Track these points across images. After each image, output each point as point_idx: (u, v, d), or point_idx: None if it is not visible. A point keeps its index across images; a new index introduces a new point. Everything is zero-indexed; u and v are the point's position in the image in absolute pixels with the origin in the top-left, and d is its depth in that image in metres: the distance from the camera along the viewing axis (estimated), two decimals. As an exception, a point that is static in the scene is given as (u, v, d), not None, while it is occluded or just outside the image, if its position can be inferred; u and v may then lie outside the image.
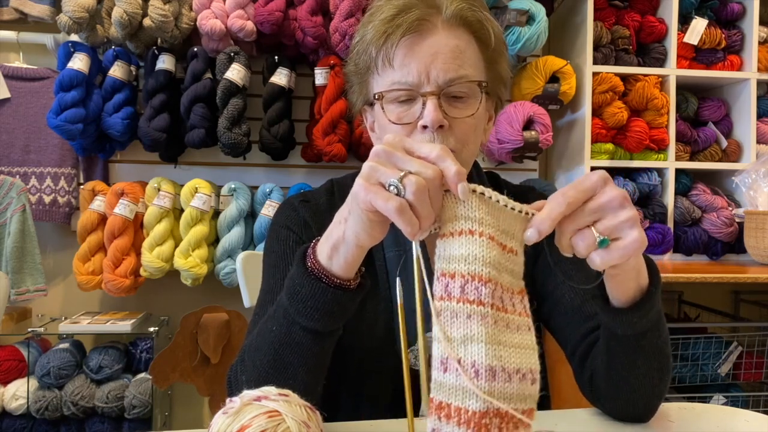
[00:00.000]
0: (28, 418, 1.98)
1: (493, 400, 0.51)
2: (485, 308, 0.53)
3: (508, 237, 0.56)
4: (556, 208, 0.56)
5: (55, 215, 2.18)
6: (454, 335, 0.53)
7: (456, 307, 0.53)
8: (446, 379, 0.52)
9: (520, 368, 0.54)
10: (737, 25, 2.36)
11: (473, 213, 0.55)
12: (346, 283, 0.66)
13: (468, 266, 0.54)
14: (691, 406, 0.85)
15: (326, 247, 0.66)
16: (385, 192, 0.55)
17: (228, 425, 0.56)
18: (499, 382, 0.52)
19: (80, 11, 1.88)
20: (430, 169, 0.55)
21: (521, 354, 0.54)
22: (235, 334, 2.01)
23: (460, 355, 0.52)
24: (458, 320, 0.53)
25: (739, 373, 2.12)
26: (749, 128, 2.28)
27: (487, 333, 0.52)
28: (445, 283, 0.55)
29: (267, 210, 2.10)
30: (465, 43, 0.82)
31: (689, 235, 2.23)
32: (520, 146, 2.10)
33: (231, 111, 2.02)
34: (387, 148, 0.58)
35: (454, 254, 0.55)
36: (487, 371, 0.51)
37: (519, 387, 0.53)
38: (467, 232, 0.55)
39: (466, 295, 0.53)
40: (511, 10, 2.06)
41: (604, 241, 0.56)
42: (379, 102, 0.83)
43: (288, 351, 0.71)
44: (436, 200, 0.55)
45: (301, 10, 2.02)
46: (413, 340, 0.86)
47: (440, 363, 0.53)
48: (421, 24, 0.80)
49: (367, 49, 0.84)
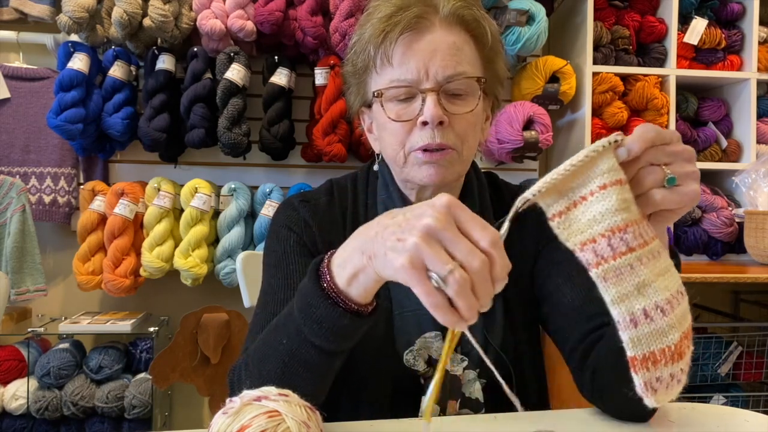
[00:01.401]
0: (28, 418, 1.98)
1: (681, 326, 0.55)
2: (638, 251, 0.55)
3: (615, 171, 0.55)
4: (647, 134, 0.56)
5: (55, 215, 2.18)
6: (628, 289, 0.55)
7: (616, 264, 0.54)
8: (641, 332, 0.54)
9: (678, 288, 0.57)
10: (737, 25, 2.36)
11: (573, 182, 0.55)
12: (364, 308, 0.65)
13: (602, 225, 0.54)
14: (691, 406, 0.85)
15: (345, 272, 0.62)
16: (427, 283, 0.52)
17: (228, 425, 0.56)
18: (676, 309, 0.55)
19: (80, 11, 1.88)
20: (477, 260, 0.51)
21: (672, 275, 0.57)
22: (235, 334, 2.01)
23: (642, 304, 0.54)
24: (624, 275, 0.55)
25: (739, 373, 2.12)
26: (749, 128, 2.28)
27: (650, 272, 0.55)
28: (592, 249, 0.55)
29: (267, 210, 2.10)
30: (462, 41, 0.83)
31: (689, 235, 2.23)
32: (520, 146, 2.10)
33: (231, 111, 2.02)
34: (438, 225, 0.53)
35: (582, 223, 0.55)
36: (668, 304, 0.54)
37: (684, 304, 0.57)
38: (580, 200, 0.55)
39: (617, 249, 0.54)
40: (511, 10, 2.06)
41: (673, 179, 0.57)
42: (379, 100, 0.84)
43: (297, 365, 0.70)
44: (483, 291, 0.52)
45: (301, 10, 2.02)
46: (411, 342, 0.86)
47: (629, 321, 0.54)
48: (419, 21, 0.81)
49: (366, 47, 0.84)
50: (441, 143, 0.82)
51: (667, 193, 0.57)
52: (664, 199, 0.57)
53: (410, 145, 0.83)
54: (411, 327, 0.86)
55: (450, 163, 0.84)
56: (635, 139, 0.56)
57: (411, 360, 0.86)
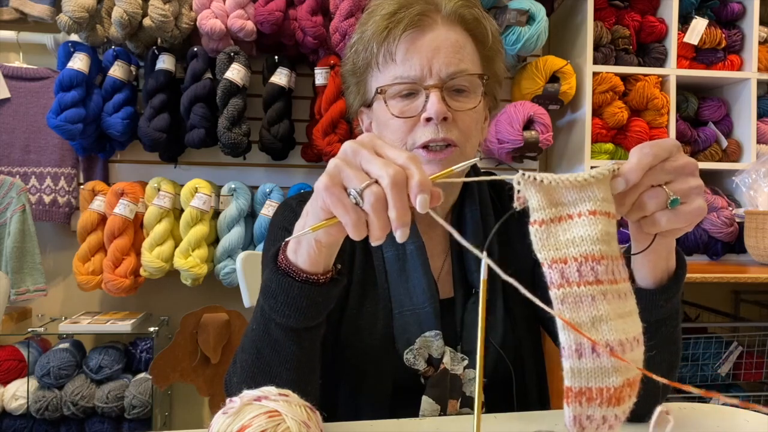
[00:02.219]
0: (28, 418, 1.97)
1: (641, 369, 0.53)
2: (604, 286, 0.53)
3: (607, 203, 0.55)
4: (644, 160, 0.55)
5: (55, 215, 2.18)
6: (582, 319, 0.53)
7: (578, 291, 0.53)
8: (583, 365, 0.53)
9: (636, 335, 0.55)
10: (737, 25, 2.35)
11: (565, 197, 0.54)
12: (313, 277, 0.65)
13: (578, 248, 0.53)
14: (691, 406, 0.85)
15: (292, 242, 0.66)
16: (345, 201, 0.54)
17: (228, 425, 0.56)
18: (627, 354, 0.53)
19: (80, 11, 1.88)
20: (392, 168, 0.52)
21: (633, 320, 0.56)
22: (235, 334, 2.01)
23: (594, 338, 0.53)
24: (584, 304, 0.53)
25: (739, 373, 2.12)
26: (749, 128, 2.28)
27: (611, 309, 0.53)
28: (559, 270, 0.54)
29: (267, 210, 2.10)
30: (463, 40, 0.84)
31: (689, 235, 2.23)
32: (520, 146, 2.10)
33: (231, 111, 2.02)
34: (354, 146, 0.56)
35: (560, 240, 0.54)
36: (619, 346, 0.53)
37: (638, 352, 0.55)
38: (566, 218, 0.54)
39: (585, 277, 0.53)
40: (511, 10, 2.06)
41: (676, 200, 0.57)
42: (382, 96, 0.84)
43: (268, 350, 0.71)
44: (399, 202, 0.52)
45: (301, 10, 2.02)
46: (412, 341, 0.86)
47: (574, 351, 0.53)
48: (421, 19, 0.82)
49: (368, 45, 0.85)
50: (445, 137, 0.82)
51: (671, 214, 0.57)
52: (669, 222, 0.57)
53: (413, 142, 0.83)
54: (411, 326, 0.86)
55: (452, 161, 0.84)
56: (632, 168, 0.55)
57: (411, 359, 0.86)
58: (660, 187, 0.57)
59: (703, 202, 0.58)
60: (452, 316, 0.89)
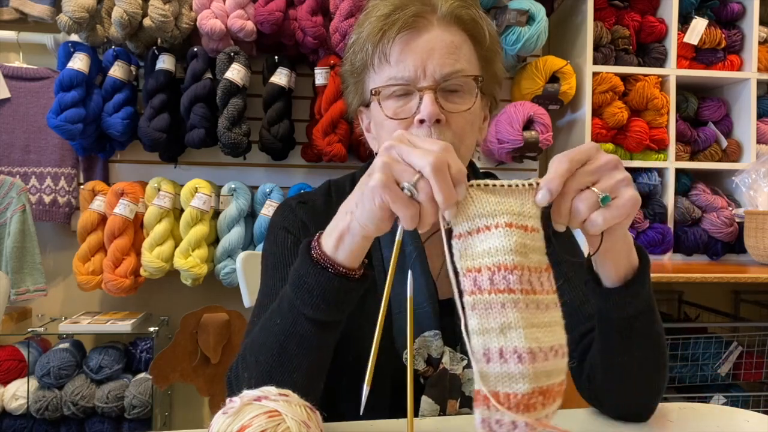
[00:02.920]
0: (28, 418, 1.98)
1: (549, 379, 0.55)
2: (516, 294, 0.55)
3: (525, 217, 0.57)
4: (560, 167, 0.58)
5: (55, 215, 2.18)
6: (491, 325, 0.55)
7: (488, 298, 0.55)
8: (491, 369, 0.54)
9: (554, 345, 0.56)
10: (737, 25, 2.36)
11: (484, 208, 0.57)
12: (352, 272, 0.68)
13: (492, 258, 0.55)
14: (691, 406, 0.85)
15: (332, 238, 0.67)
16: (402, 196, 0.57)
17: (228, 425, 0.56)
18: (539, 363, 0.54)
19: (80, 11, 1.88)
20: (432, 156, 0.56)
21: (553, 331, 0.57)
22: (235, 334, 2.01)
23: (501, 344, 0.54)
24: (493, 311, 0.55)
25: (739, 373, 2.12)
26: (749, 128, 2.28)
27: (522, 318, 0.54)
28: (473, 278, 0.56)
29: (267, 210, 2.10)
30: (460, 41, 0.83)
31: (689, 235, 2.23)
32: (520, 146, 2.10)
33: (231, 111, 2.02)
34: (393, 143, 0.60)
35: (477, 251, 0.56)
36: (528, 354, 0.54)
37: (555, 363, 0.56)
38: (483, 229, 0.56)
39: (496, 285, 0.55)
40: (511, 10, 2.06)
41: (606, 197, 0.59)
42: (376, 98, 0.84)
43: (292, 343, 0.71)
44: (445, 187, 0.56)
45: (301, 10, 2.02)
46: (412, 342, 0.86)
47: (482, 355, 0.55)
48: (416, 20, 0.81)
49: (364, 46, 0.85)
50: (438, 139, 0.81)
51: (606, 212, 0.59)
52: (605, 219, 0.59)
53: None
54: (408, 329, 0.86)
55: None
56: (551, 178, 0.58)
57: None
58: (588, 189, 0.59)
59: (633, 191, 0.60)
60: (451, 316, 0.89)
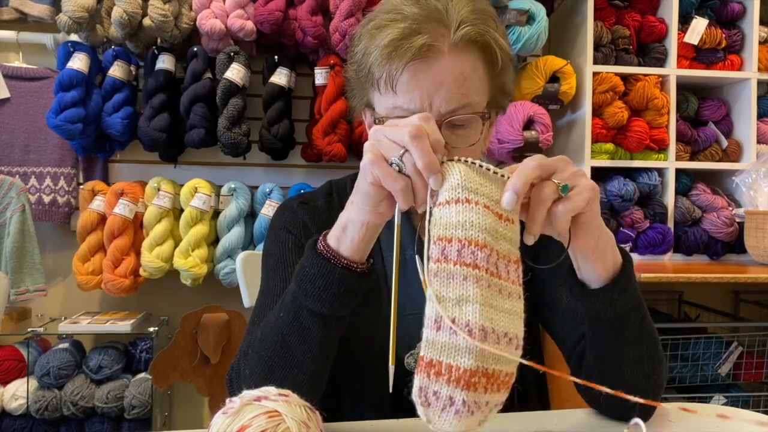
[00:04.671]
0: (27, 418, 1.97)
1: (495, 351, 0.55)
2: (480, 272, 0.55)
3: (500, 206, 0.59)
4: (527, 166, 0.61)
5: (55, 215, 2.18)
6: (449, 295, 0.55)
7: (452, 269, 0.55)
8: (439, 338, 0.54)
9: (508, 332, 0.57)
10: (737, 25, 2.35)
11: (469, 183, 0.58)
12: (354, 264, 0.68)
13: (465, 232, 0.56)
14: (691, 407, 0.85)
15: (336, 230, 0.69)
16: (391, 170, 0.60)
17: (228, 425, 0.56)
18: (489, 343, 0.54)
19: (80, 11, 1.88)
20: (409, 127, 0.60)
21: (511, 319, 0.57)
22: (235, 334, 2.01)
23: (455, 314, 0.54)
24: (454, 281, 0.55)
25: (739, 373, 2.12)
26: (749, 128, 2.28)
27: (481, 295, 0.55)
28: (441, 247, 0.56)
29: (267, 210, 2.10)
30: (470, 69, 0.79)
31: (689, 235, 2.23)
32: (520, 146, 2.10)
33: (231, 111, 2.02)
34: (378, 126, 0.65)
35: (452, 221, 0.57)
36: (480, 331, 0.54)
37: (506, 350, 0.56)
38: (464, 201, 0.57)
39: (463, 258, 0.55)
40: (511, 10, 2.06)
41: (566, 186, 0.60)
42: (380, 124, 0.82)
43: (295, 336, 0.72)
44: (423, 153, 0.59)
45: (301, 10, 2.02)
46: (412, 345, 0.86)
47: (434, 322, 0.55)
48: (428, 50, 0.77)
49: (370, 67, 0.81)
50: None
51: (567, 201, 0.61)
52: (566, 209, 0.61)
53: None
54: (412, 330, 0.85)
55: None
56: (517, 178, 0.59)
57: (412, 363, 0.86)
58: (547, 180, 0.61)
59: (588, 180, 0.63)
60: (452, 318, 0.89)
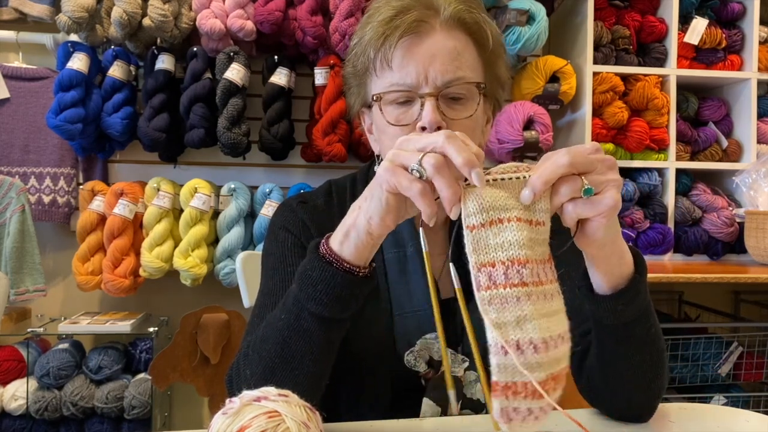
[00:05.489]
0: (27, 418, 1.97)
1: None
2: (529, 287, 0.57)
3: (531, 211, 0.59)
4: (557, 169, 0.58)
5: (55, 215, 2.18)
6: (508, 319, 0.56)
7: (504, 293, 0.56)
8: (509, 361, 0.56)
9: (561, 332, 0.58)
10: (738, 25, 2.35)
11: (496, 202, 0.58)
12: (356, 269, 0.68)
13: (505, 253, 0.57)
14: (691, 407, 0.85)
15: (339, 234, 0.69)
16: (409, 176, 0.59)
17: (228, 425, 0.56)
18: (551, 351, 0.56)
19: (80, 11, 1.88)
20: (440, 137, 0.59)
21: (559, 319, 0.59)
22: (235, 334, 2.01)
23: (517, 336, 0.56)
24: (509, 305, 0.56)
25: (739, 373, 2.12)
26: (750, 128, 2.28)
27: (535, 309, 0.56)
28: (487, 273, 0.57)
29: (267, 210, 2.10)
30: (463, 45, 0.82)
31: (689, 235, 2.23)
32: (520, 146, 2.10)
33: (231, 111, 2.02)
34: (400, 140, 0.64)
35: (489, 244, 0.57)
36: (542, 344, 0.56)
37: (563, 349, 0.58)
38: (497, 222, 0.58)
39: (510, 280, 0.56)
40: (511, 10, 2.06)
41: (590, 189, 0.58)
42: (378, 103, 0.83)
43: (296, 338, 0.71)
44: (461, 148, 0.58)
45: (301, 10, 2.02)
46: (412, 343, 0.86)
47: (500, 348, 0.56)
48: (419, 25, 0.80)
49: (366, 50, 0.84)
50: None
51: (579, 204, 0.59)
52: (575, 210, 0.59)
53: None
54: (412, 328, 0.86)
55: None
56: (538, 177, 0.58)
57: (412, 361, 0.86)
58: (577, 176, 0.59)
59: (618, 196, 0.59)
60: (453, 317, 0.89)
